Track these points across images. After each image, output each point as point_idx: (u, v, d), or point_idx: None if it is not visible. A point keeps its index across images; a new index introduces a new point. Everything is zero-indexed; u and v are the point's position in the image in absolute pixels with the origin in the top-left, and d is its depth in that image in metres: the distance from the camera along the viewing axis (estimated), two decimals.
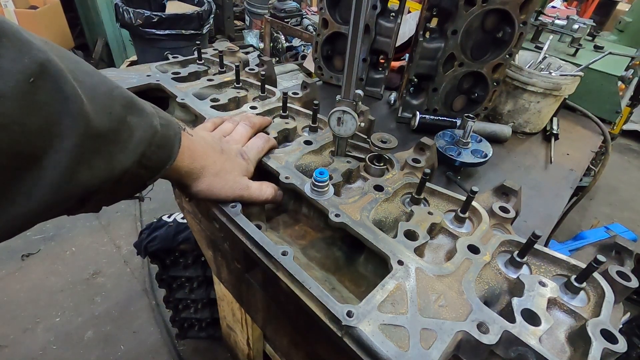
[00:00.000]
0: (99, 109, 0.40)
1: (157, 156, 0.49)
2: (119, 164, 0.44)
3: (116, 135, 0.43)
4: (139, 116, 0.47)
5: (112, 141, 0.42)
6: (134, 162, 0.46)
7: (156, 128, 0.49)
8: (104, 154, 0.41)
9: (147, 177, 0.50)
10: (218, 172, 0.63)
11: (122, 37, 4.15)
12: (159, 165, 0.50)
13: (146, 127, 0.47)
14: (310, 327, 0.73)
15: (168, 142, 0.51)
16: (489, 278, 0.61)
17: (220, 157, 0.65)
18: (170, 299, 1.84)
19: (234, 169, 0.66)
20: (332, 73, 1.53)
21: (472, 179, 1.11)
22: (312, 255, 0.70)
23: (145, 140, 0.47)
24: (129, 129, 0.45)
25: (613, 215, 3.46)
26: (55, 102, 0.35)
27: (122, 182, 0.47)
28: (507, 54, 1.14)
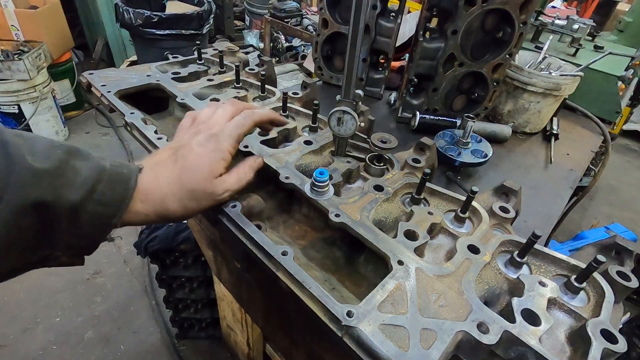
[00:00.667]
0: (39, 155, 0.44)
1: (113, 192, 0.50)
2: (66, 199, 0.45)
3: (59, 172, 0.45)
4: (83, 160, 0.49)
5: (56, 177, 0.45)
6: (84, 197, 0.47)
7: (104, 167, 0.50)
8: (50, 190, 0.44)
9: (110, 215, 0.50)
10: (181, 191, 0.57)
11: (122, 37, 4.15)
12: (119, 201, 0.50)
13: (92, 167, 0.49)
14: (310, 327, 0.73)
15: (121, 178, 0.51)
16: (489, 278, 0.61)
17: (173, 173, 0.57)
18: (170, 299, 1.84)
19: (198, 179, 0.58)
20: (332, 73, 1.53)
21: (472, 179, 1.11)
22: (312, 255, 0.70)
23: (92, 177, 0.48)
24: (73, 169, 0.47)
25: (613, 215, 3.46)
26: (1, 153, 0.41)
27: (81, 221, 0.47)
28: (507, 54, 1.14)
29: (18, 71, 2.88)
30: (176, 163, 0.58)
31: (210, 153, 0.59)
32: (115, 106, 0.92)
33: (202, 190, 0.58)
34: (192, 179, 0.57)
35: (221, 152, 0.60)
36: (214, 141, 0.60)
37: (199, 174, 0.57)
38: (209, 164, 0.58)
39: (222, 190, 0.60)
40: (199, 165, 0.58)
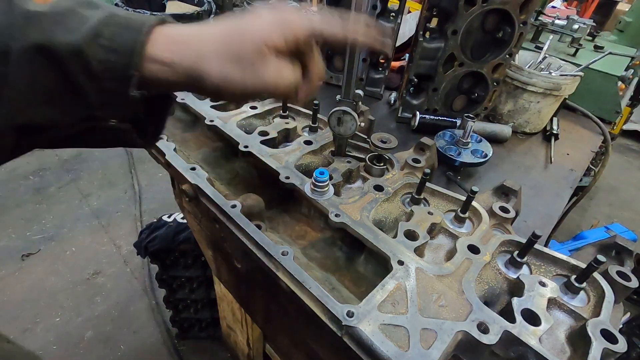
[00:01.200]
0: (43, 4, 0.42)
1: (121, 36, 0.43)
2: (64, 41, 0.41)
3: (59, 17, 0.42)
4: (93, 8, 0.44)
5: (54, 21, 0.42)
6: (86, 41, 0.42)
7: (115, 12, 0.45)
8: (45, 31, 0.41)
9: (124, 64, 0.43)
10: (223, 52, 0.47)
11: None
12: (129, 46, 0.43)
13: (102, 13, 0.44)
14: (310, 327, 0.73)
15: (133, 24, 0.44)
16: (489, 278, 0.61)
17: (226, 28, 0.48)
18: (171, 299, 1.84)
19: (247, 38, 0.47)
20: (332, 73, 1.53)
21: (472, 179, 1.11)
22: (312, 255, 0.70)
23: (98, 22, 0.43)
24: (78, 16, 0.43)
25: (613, 215, 3.46)
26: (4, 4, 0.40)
27: (95, 71, 0.43)
28: (507, 54, 1.14)
29: None
30: (230, 21, 0.49)
31: (274, 19, 0.48)
32: None
33: (250, 58, 0.47)
34: (242, 39, 0.47)
35: (287, 26, 0.48)
36: (289, 11, 0.50)
37: (251, 36, 0.47)
38: (266, 26, 0.48)
39: (273, 72, 0.49)
40: (257, 24, 0.48)
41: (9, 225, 2.51)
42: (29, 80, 0.41)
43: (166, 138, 0.81)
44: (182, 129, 1.03)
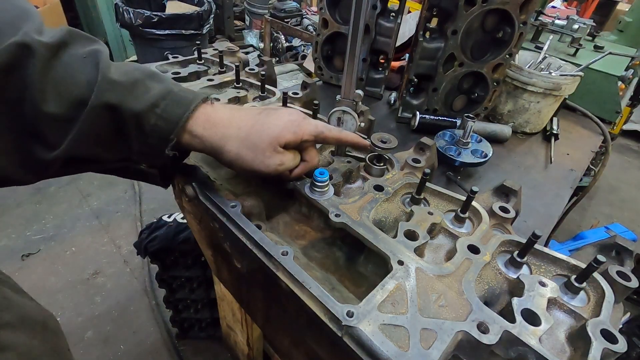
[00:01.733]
0: (121, 73, 0.54)
1: (173, 110, 0.56)
2: (130, 106, 0.54)
3: (131, 87, 0.54)
4: (158, 82, 0.57)
5: (127, 89, 0.54)
6: (146, 110, 0.54)
7: (172, 89, 0.57)
8: (118, 97, 0.53)
9: (168, 131, 0.56)
10: (244, 140, 0.61)
11: (122, 37, 4.15)
12: (175, 119, 0.56)
13: (163, 87, 0.57)
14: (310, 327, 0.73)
15: (184, 101, 0.57)
16: (489, 278, 0.61)
17: (250, 121, 0.62)
18: (171, 299, 1.84)
19: (265, 136, 0.61)
20: (332, 73, 1.53)
21: (472, 179, 1.11)
22: (312, 255, 0.70)
23: (158, 95, 0.55)
24: (144, 87, 0.55)
25: (613, 215, 3.46)
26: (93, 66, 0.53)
27: (145, 130, 0.55)
28: (507, 54, 1.14)
29: None
30: (258, 115, 0.63)
31: (290, 122, 0.63)
32: None
33: (262, 149, 0.61)
34: (261, 134, 0.61)
35: (299, 128, 0.63)
36: (301, 117, 0.65)
37: (268, 133, 0.61)
38: (282, 127, 0.62)
39: (277, 161, 0.62)
40: (274, 124, 0.62)
41: (9, 225, 2.51)
42: (93, 127, 0.52)
43: None
44: None
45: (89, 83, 0.51)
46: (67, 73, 0.51)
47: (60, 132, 0.52)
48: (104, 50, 0.55)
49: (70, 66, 0.51)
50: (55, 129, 0.51)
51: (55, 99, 0.50)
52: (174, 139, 0.57)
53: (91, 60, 0.53)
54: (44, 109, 0.49)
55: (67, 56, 0.52)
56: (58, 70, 0.50)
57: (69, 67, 0.51)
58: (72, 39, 0.53)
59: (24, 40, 0.47)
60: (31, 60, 0.48)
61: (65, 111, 0.51)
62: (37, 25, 0.51)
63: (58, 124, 0.51)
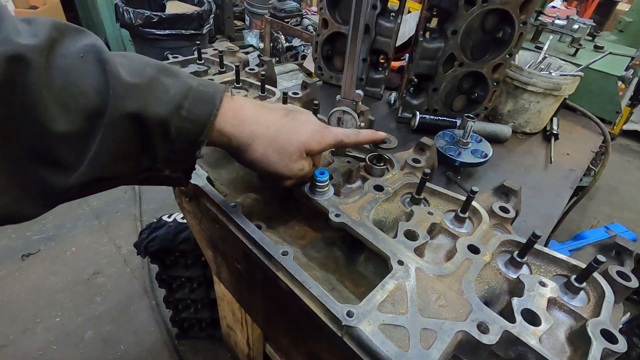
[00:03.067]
0: (133, 71, 0.48)
1: (198, 109, 0.52)
2: (154, 112, 0.48)
3: (149, 88, 0.48)
4: (172, 77, 0.52)
5: (145, 91, 0.48)
6: (171, 113, 0.49)
7: (191, 84, 0.52)
8: (140, 103, 0.47)
9: (197, 132, 0.52)
10: (272, 140, 0.59)
11: (122, 37, 4.15)
12: (203, 119, 0.52)
13: (180, 84, 0.52)
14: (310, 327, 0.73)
15: (207, 97, 0.53)
16: (489, 278, 0.61)
17: (278, 122, 0.60)
18: (170, 299, 1.84)
19: (294, 140, 0.60)
20: (332, 73, 1.53)
21: (472, 179, 1.11)
22: (312, 255, 0.70)
23: (179, 93, 0.50)
24: (162, 86, 0.50)
25: (613, 215, 3.46)
26: (98, 68, 0.45)
27: (171, 136, 0.50)
28: (507, 54, 1.14)
29: None
30: (286, 117, 0.62)
31: (318, 129, 0.63)
32: None
33: (290, 152, 0.60)
34: (290, 137, 0.60)
35: (322, 137, 0.63)
36: (324, 127, 0.65)
37: (297, 138, 0.60)
38: (310, 133, 0.62)
39: (300, 166, 0.63)
40: (303, 131, 0.61)
41: (9, 225, 2.51)
42: (115, 141, 0.46)
43: None
44: None
45: (98, 89, 0.45)
46: (68, 80, 0.43)
47: (77, 153, 0.45)
48: (100, 42, 0.48)
49: (69, 71, 0.44)
50: (69, 150, 0.44)
51: (63, 114, 0.42)
52: (204, 140, 0.53)
53: (92, 60, 0.46)
54: (53, 128, 0.42)
55: (61, 58, 0.44)
56: (57, 78, 0.43)
57: (68, 72, 0.44)
58: (60, 33, 0.45)
59: (16, 51, 0.39)
60: (28, 73, 0.40)
61: (78, 127, 0.44)
62: (12, 23, 0.42)
63: (72, 144, 0.44)
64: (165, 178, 0.57)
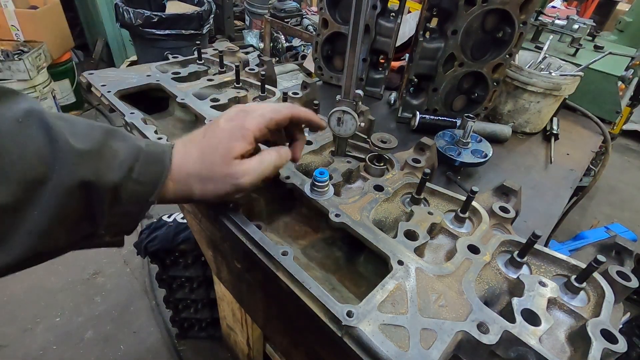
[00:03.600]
0: (80, 137, 0.46)
1: (149, 170, 0.51)
2: (107, 178, 0.46)
3: (100, 155, 0.47)
4: (121, 140, 0.50)
5: (97, 159, 0.46)
6: (123, 177, 0.48)
7: (140, 147, 0.51)
8: (92, 170, 0.45)
9: (147, 194, 0.51)
10: (199, 172, 0.56)
11: (122, 37, 4.15)
12: (155, 180, 0.51)
13: (129, 147, 0.50)
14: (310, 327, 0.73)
15: (157, 158, 0.52)
16: (489, 278, 0.61)
17: (197, 153, 0.56)
18: (170, 299, 1.84)
19: (216, 158, 0.56)
20: (332, 73, 1.53)
21: (472, 179, 1.11)
22: (312, 255, 0.70)
23: (130, 156, 0.49)
24: (111, 150, 0.48)
25: (613, 215, 3.46)
26: (42, 134, 0.42)
27: (121, 200, 0.49)
28: (507, 54, 1.14)
29: (18, 71, 2.88)
30: (203, 139, 0.57)
31: (232, 129, 0.56)
32: (115, 106, 0.92)
33: (219, 171, 0.55)
34: (211, 158, 0.55)
35: (244, 130, 0.56)
36: (242, 116, 0.58)
37: (217, 153, 0.55)
38: (227, 141, 0.56)
39: (240, 173, 0.56)
40: (219, 142, 0.56)
41: None
42: (57, 210, 0.43)
43: (166, 138, 0.81)
44: (182, 129, 1.04)
45: (42, 156, 0.41)
46: (5, 148, 0.39)
47: (9, 226, 0.40)
48: (38, 106, 0.45)
49: (6, 137, 0.39)
50: (3, 226, 0.40)
51: (1, 185, 0.38)
52: (155, 200, 0.52)
53: (34, 125, 0.42)
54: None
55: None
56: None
57: (5, 138, 0.39)
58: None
59: None
60: None
61: (15, 198, 0.39)
62: None
63: (6, 216, 0.40)
64: (103, 243, 0.54)
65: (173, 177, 0.54)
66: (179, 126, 1.05)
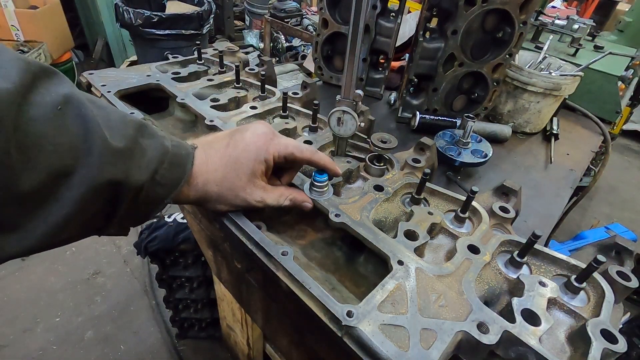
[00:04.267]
0: (115, 131, 0.45)
1: (171, 174, 0.52)
2: (134, 179, 0.47)
3: (130, 152, 0.47)
4: (150, 138, 0.51)
5: (128, 157, 0.46)
6: (148, 179, 0.49)
7: (167, 148, 0.52)
8: (122, 169, 0.45)
9: (164, 196, 0.53)
10: (222, 180, 0.58)
11: (122, 37, 4.15)
12: (174, 183, 0.53)
13: (157, 146, 0.51)
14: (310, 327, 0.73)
15: (180, 161, 0.54)
16: (489, 278, 0.61)
17: (222, 161, 0.58)
18: (170, 299, 1.84)
19: (240, 175, 0.58)
20: (332, 73, 1.53)
21: (472, 179, 1.11)
22: (312, 255, 0.70)
23: (156, 158, 0.50)
24: (141, 149, 0.49)
25: (613, 215, 3.46)
26: (79, 125, 0.41)
27: (140, 199, 0.50)
28: (507, 54, 1.14)
29: None
30: (227, 148, 0.59)
31: (258, 149, 0.58)
32: (115, 106, 0.92)
33: (240, 186, 0.59)
34: (235, 172, 0.58)
35: (267, 153, 0.59)
36: (269, 138, 0.60)
37: (241, 169, 0.58)
38: (254, 159, 0.58)
39: (258, 198, 0.61)
40: (246, 159, 0.58)
41: None
42: (78, 205, 0.42)
43: None
44: (182, 129, 1.04)
45: (74, 147, 0.40)
46: (41, 134, 0.37)
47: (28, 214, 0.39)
48: (77, 92, 0.43)
49: (44, 124, 0.38)
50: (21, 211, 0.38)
51: (28, 172, 0.37)
52: (170, 201, 0.53)
53: (72, 114, 0.41)
54: (15, 190, 0.36)
55: (35, 108, 0.37)
56: (29, 133, 0.36)
57: (42, 125, 0.37)
58: (34, 77, 0.38)
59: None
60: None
61: (39, 187, 0.38)
62: None
63: (28, 204, 0.38)
64: (109, 234, 0.54)
65: (191, 181, 0.56)
66: (179, 126, 1.04)
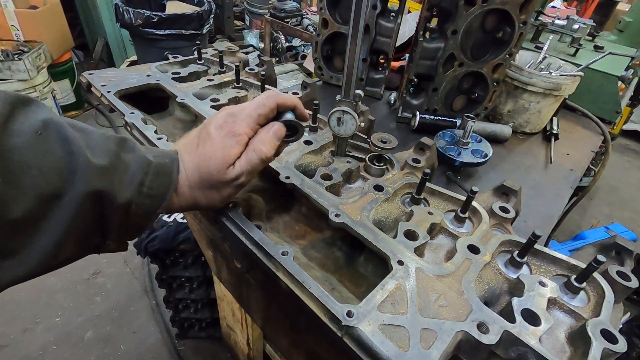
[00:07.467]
0: (96, 149, 0.46)
1: (158, 184, 0.52)
2: (121, 194, 0.48)
3: (114, 169, 0.47)
4: (130, 152, 0.51)
5: (111, 173, 0.47)
6: (135, 192, 0.49)
7: (149, 159, 0.52)
8: (107, 183, 0.46)
9: (156, 206, 0.53)
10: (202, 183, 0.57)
11: (122, 37, 4.15)
12: (163, 192, 0.53)
13: (139, 159, 0.51)
14: (310, 327, 0.73)
15: (164, 170, 0.54)
16: (489, 278, 0.61)
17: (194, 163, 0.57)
18: (170, 299, 1.84)
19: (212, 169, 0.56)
20: (332, 73, 1.53)
21: (472, 179, 1.11)
22: (312, 255, 0.70)
23: (140, 170, 0.50)
24: (123, 164, 0.49)
25: (613, 215, 3.45)
26: (60, 147, 0.42)
27: (130, 213, 0.50)
28: (507, 54, 1.14)
29: (18, 71, 2.88)
30: (197, 148, 0.58)
31: (224, 138, 0.56)
32: (115, 106, 0.92)
33: (217, 180, 0.57)
34: (208, 170, 0.56)
35: (236, 136, 0.57)
36: (231, 122, 0.57)
37: (212, 164, 0.56)
38: (221, 151, 0.56)
39: (234, 176, 0.57)
40: (213, 153, 0.56)
41: None
42: (69, 224, 0.43)
43: (166, 139, 0.81)
44: (182, 129, 1.04)
45: (60, 170, 0.41)
46: (24, 161, 0.38)
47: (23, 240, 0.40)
48: (55, 116, 0.44)
49: (25, 150, 0.38)
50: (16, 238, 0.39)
51: (17, 199, 0.37)
52: (162, 211, 0.53)
53: (53, 138, 0.41)
54: (8, 217, 0.37)
55: (15, 137, 0.38)
56: (11, 161, 0.37)
57: (24, 151, 0.38)
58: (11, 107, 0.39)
59: None
60: None
61: (30, 212, 0.39)
62: None
63: (21, 230, 0.39)
64: (108, 250, 0.54)
65: (178, 189, 0.56)
66: (178, 126, 1.05)
